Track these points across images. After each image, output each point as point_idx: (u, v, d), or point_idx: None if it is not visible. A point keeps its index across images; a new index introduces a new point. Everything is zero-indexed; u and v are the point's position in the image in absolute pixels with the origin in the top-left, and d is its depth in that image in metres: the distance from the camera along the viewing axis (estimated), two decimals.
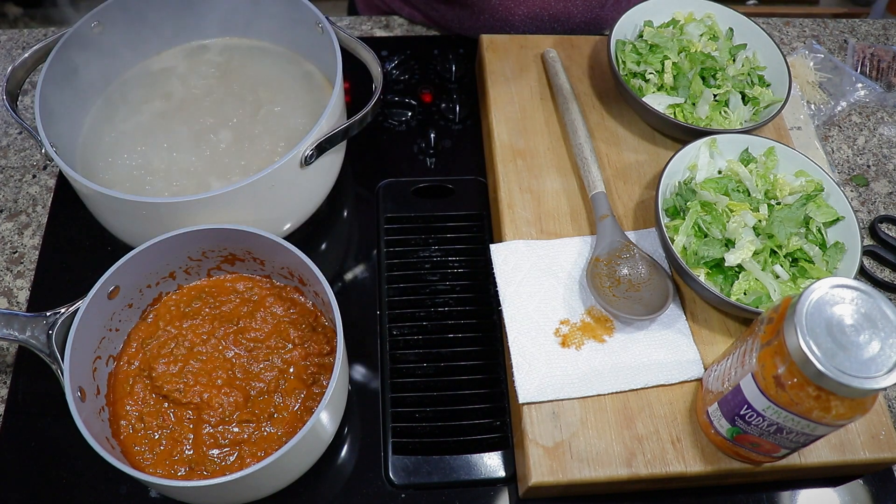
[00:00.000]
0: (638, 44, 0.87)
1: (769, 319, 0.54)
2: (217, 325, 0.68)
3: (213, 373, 0.65)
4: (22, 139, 0.88)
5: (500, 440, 0.68)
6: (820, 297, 0.50)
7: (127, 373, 0.66)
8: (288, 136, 0.80)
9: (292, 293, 0.71)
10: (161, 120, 0.81)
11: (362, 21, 1.03)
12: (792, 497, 0.67)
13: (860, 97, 0.96)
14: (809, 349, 0.48)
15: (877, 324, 0.50)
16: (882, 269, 0.83)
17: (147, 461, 0.61)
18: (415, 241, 0.80)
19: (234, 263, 0.71)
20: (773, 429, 0.54)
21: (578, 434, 0.63)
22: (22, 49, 0.97)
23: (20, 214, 0.82)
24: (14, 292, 0.76)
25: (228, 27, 0.88)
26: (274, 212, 0.72)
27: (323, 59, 0.83)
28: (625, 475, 0.61)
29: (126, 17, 0.80)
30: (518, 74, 0.88)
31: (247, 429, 0.63)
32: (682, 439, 0.63)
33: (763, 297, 0.67)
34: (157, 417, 0.63)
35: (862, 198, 0.88)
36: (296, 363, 0.66)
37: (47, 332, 0.60)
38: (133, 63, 0.86)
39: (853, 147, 0.93)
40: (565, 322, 0.68)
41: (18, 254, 0.79)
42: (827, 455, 0.63)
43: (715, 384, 0.60)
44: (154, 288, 0.69)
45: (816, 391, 0.49)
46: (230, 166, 0.77)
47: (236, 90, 0.84)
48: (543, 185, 0.78)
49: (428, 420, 0.69)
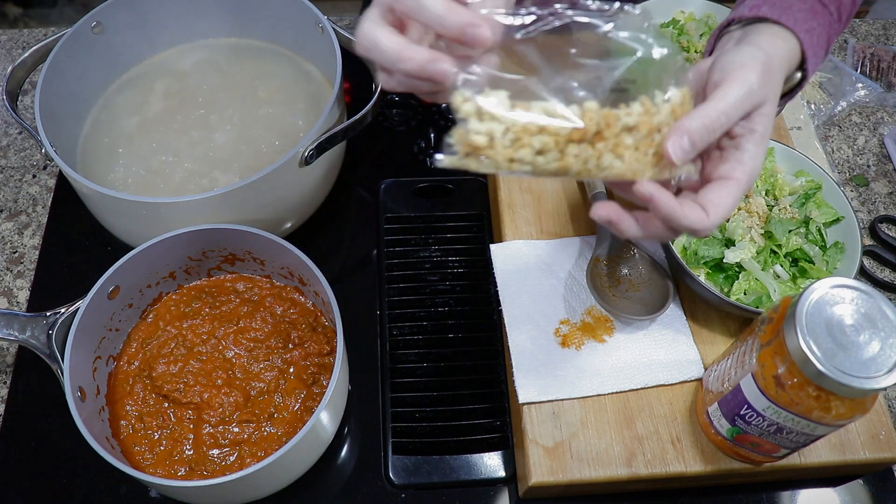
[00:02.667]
0: None
1: (769, 319, 0.54)
2: (217, 325, 0.68)
3: (213, 373, 0.65)
4: (22, 139, 0.88)
5: (500, 440, 0.68)
6: (820, 297, 0.50)
7: (127, 373, 0.66)
8: (288, 136, 0.80)
9: (292, 293, 0.71)
10: (161, 120, 0.81)
11: None
12: (792, 497, 0.67)
13: (860, 97, 0.96)
14: (809, 349, 0.48)
15: (877, 324, 0.50)
16: (882, 269, 0.83)
17: (147, 461, 0.61)
18: (415, 241, 0.80)
19: (234, 263, 0.71)
20: (773, 429, 0.54)
21: (578, 434, 0.63)
22: (22, 49, 0.97)
23: (20, 214, 0.82)
24: (14, 292, 0.76)
25: (228, 27, 0.88)
26: (274, 212, 0.72)
27: (323, 59, 0.83)
28: (625, 475, 0.61)
29: (126, 16, 0.81)
30: None
31: (247, 429, 0.63)
32: (682, 439, 0.63)
33: (763, 297, 0.67)
34: (157, 417, 0.63)
35: (862, 198, 0.88)
36: (296, 363, 0.66)
37: (47, 332, 0.60)
38: (133, 63, 0.86)
39: (853, 147, 0.93)
40: (565, 322, 0.68)
41: (18, 254, 0.79)
42: (827, 455, 0.63)
43: (715, 384, 0.60)
44: (154, 288, 0.69)
45: (816, 391, 0.49)
46: (230, 166, 0.77)
47: (236, 90, 0.84)
48: (543, 185, 0.78)
49: (428, 420, 0.69)
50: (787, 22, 0.51)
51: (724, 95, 0.45)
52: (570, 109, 0.39)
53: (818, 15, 0.54)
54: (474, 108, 0.39)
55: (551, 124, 0.39)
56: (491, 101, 0.39)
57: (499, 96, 0.39)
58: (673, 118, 0.43)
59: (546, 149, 0.39)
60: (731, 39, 0.53)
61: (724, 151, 0.48)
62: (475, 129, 0.39)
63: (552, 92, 0.40)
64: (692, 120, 0.43)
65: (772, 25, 0.51)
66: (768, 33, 0.51)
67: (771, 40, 0.50)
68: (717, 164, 0.48)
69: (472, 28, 0.38)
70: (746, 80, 0.45)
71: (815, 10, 0.54)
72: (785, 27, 0.51)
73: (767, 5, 0.52)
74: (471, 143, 0.39)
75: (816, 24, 0.53)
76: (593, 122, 0.40)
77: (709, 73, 0.48)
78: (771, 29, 0.51)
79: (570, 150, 0.40)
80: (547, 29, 0.41)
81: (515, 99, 0.39)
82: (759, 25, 0.52)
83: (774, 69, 0.48)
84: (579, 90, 0.40)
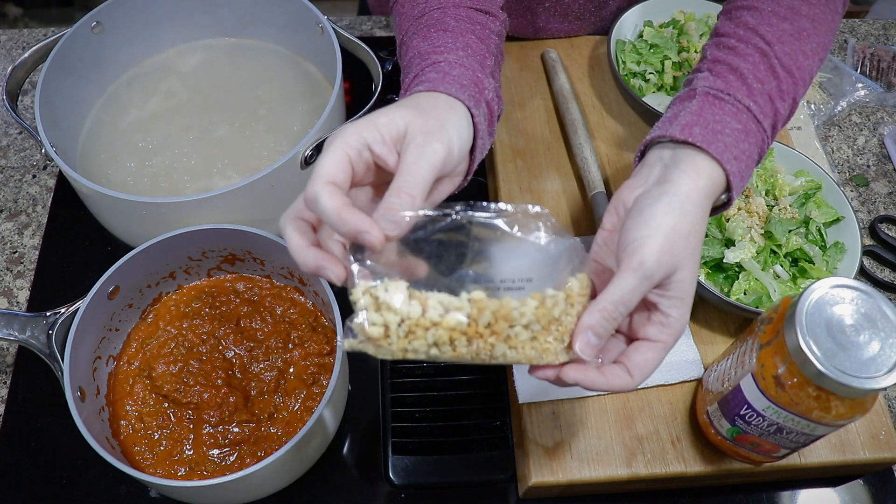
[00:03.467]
0: (638, 44, 0.87)
1: (769, 319, 0.54)
2: (217, 325, 0.68)
3: (213, 373, 0.65)
4: (22, 139, 0.88)
5: (500, 440, 0.68)
6: (820, 297, 0.50)
7: (127, 373, 0.66)
8: (288, 136, 0.80)
9: (292, 293, 0.71)
10: (161, 120, 0.81)
11: (362, 21, 1.03)
12: (792, 497, 0.67)
13: (860, 97, 0.96)
14: (809, 349, 0.48)
15: (877, 324, 0.50)
16: (882, 269, 0.83)
17: (147, 461, 0.61)
18: None
19: (234, 263, 0.71)
20: (773, 429, 0.55)
21: (578, 434, 0.63)
22: (22, 49, 0.97)
23: (20, 214, 0.82)
24: (14, 292, 0.76)
25: (228, 27, 0.88)
26: (274, 212, 0.72)
27: (323, 59, 0.83)
28: (625, 475, 0.61)
29: (126, 17, 0.81)
30: (518, 75, 0.88)
31: (247, 429, 0.63)
32: (682, 439, 0.63)
33: (763, 297, 0.67)
34: (157, 417, 0.63)
35: (862, 198, 0.88)
36: (296, 363, 0.66)
37: (47, 332, 0.60)
38: (133, 63, 0.86)
39: (853, 147, 0.93)
40: None
41: (18, 254, 0.79)
42: (827, 455, 0.63)
43: (715, 384, 0.60)
44: (154, 288, 0.69)
45: (816, 391, 0.49)
46: (230, 166, 0.77)
47: (236, 90, 0.84)
48: (543, 185, 0.78)
49: (428, 420, 0.69)
50: (715, 152, 0.51)
51: (619, 285, 0.45)
52: (462, 300, 0.42)
53: (750, 135, 0.54)
54: (372, 301, 0.41)
55: (445, 319, 0.41)
56: (389, 294, 0.41)
57: (398, 287, 0.41)
58: (569, 305, 0.45)
59: (440, 341, 0.42)
60: (658, 161, 0.52)
61: (650, 312, 0.48)
62: (372, 319, 0.41)
63: (446, 286, 0.43)
64: (591, 316, 0.45)
65: (699, 154, 0.51)
66: (693, 168, 0.50)
67: (695, 176, 0.50)
68: (643, 322, 0.48)
69: (362, 235, 0.41)
70: (642, 265, 0.45)
71: (747, 131, 0.54)
72: (712, 157, 0.51)
73: (700, 127, 0.52)
74: (367, 334, 0.41)
75: (747, 145, 0.53)
76: (484, 316, 0.42)
77: (619, 239, 0.48)
78: (697, 160, 0.51)
79: (461, 342, 0.42)
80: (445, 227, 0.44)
81: (414, 288, 0.42)
82: (687, 152, 0.51)
83: (686, 226, 0.48)
84: (472, 283, 0.43)
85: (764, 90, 0.55)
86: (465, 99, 0.51)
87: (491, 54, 0.58)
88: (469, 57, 0.56)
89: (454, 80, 0.52)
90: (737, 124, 0.53)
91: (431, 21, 0.59)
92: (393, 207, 0.42)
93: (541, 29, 0.91)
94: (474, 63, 0.55)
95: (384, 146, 0.45)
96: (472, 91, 0.52)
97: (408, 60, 0.58)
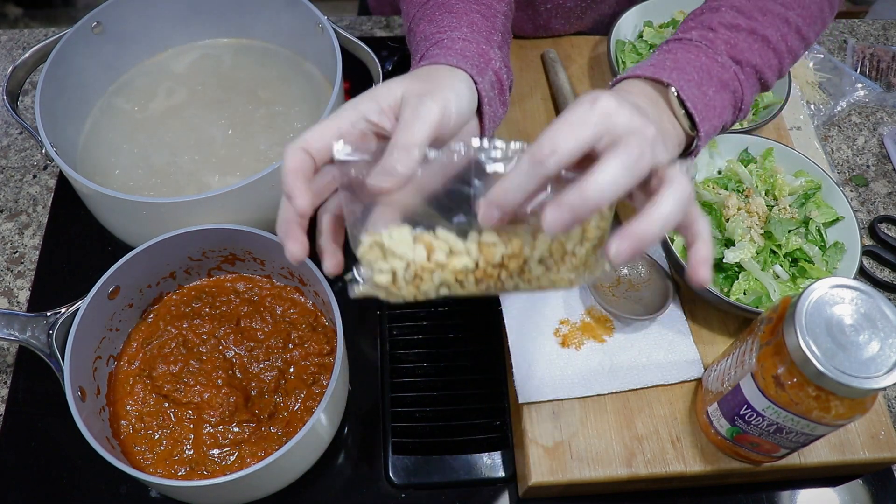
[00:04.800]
0: (638, 44, 0.87)
1: (769, 319, 0.54)
2: (217, 325, 0.68)
3: (213, 373, 0.65)
4: (22, 139, 0.88)
5: (500, 440, 0.68)
6: (819, 297, 0.50)
7: (127, 373, 0.66)
8: (288, 136, 0.80)
9: (292, 293, 0.71)
10: (161, 120, 0.81)
11: (362, 21, 1.03)
12: (792, 497, 0.67)
13: (860, 97, 0.96)
14: (809, 349, 0.48)
15: (876, 324, 0.50)
16: (882, 269, 0.83)
17: (147, 461, 0.61)
18: None
19: (234, 263, 0.71)
20: (773, 429, 0.55)
21: (578, 434, 0.63)
22: (22, 49, 0.97)
23: (20, 214, 0.82)
24: (14, 292, 0.76)
25: (228, 27, 0.88)
26: (274, 212, 0.72)
27: (323, 59, 0.83)
28: (625, 475, 0.61)
29: (126, 17, 0.81)
30: (518, 74, 0.88)
31: (247, 429, 0.63)
32: (682, 439, 0.63)
33: (763, 297, 0.67)
34: (157, 417, 0.63)
35: (862, 198, 0.88)
36: (296, 363, 0.66)
37: (47, 332, 0.60)
38: (133, 63, 0.86)
39: (853, 147, 0.93)
40: (565, 322, 0.68)
41: (19, 254, 0.79)
42: (827, 455, 0.63)
43: (715, 384, 0.60)
44: (154, 288, 0.69)
45: (816, 391, 0.50)
46: (230, 166, 0.77)
47: (236, 90, 0.84)
48: None
49: (428, 420, 0.69)
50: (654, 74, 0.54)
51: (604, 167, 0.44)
52: (469, 243, 0.42)
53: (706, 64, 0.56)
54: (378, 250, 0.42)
55: (451, 262, 0.42)
56: (395, 240, 0.42)
57: (402, 233, 0.42)
58: (585, 238, 0.44)
59: (447, 282, 0.42)
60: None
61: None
62: (380, 267, 0.42)
63: (453, 227, 0.43)
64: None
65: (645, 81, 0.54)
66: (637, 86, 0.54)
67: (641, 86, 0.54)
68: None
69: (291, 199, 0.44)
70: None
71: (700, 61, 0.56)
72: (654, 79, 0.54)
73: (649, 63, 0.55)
74: (376, 282, 0.42)
75: (698, 65, 0.55)
76: (495, 258, 0.42)
77: None
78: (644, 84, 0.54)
79: (469, 280, 0.42)
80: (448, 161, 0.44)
81: (419, 228, 0.42)
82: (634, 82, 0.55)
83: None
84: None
85: (718, 36, 0.58)
86: (467, 67, 0.51)
87: (497, 31, 0.59)
88: (474, 33, 0.56)
89: (456, 53, 0.53)
90: (687, 54, 0.56)
91: (436, 5, 0.60)
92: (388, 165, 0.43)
93: (541, 27, 0.91)
94: (479, 38, 0.56)
95: (381, 115, 0.46)
96: (475, 61, 0.53)
97: (415, 45, 0.59)
